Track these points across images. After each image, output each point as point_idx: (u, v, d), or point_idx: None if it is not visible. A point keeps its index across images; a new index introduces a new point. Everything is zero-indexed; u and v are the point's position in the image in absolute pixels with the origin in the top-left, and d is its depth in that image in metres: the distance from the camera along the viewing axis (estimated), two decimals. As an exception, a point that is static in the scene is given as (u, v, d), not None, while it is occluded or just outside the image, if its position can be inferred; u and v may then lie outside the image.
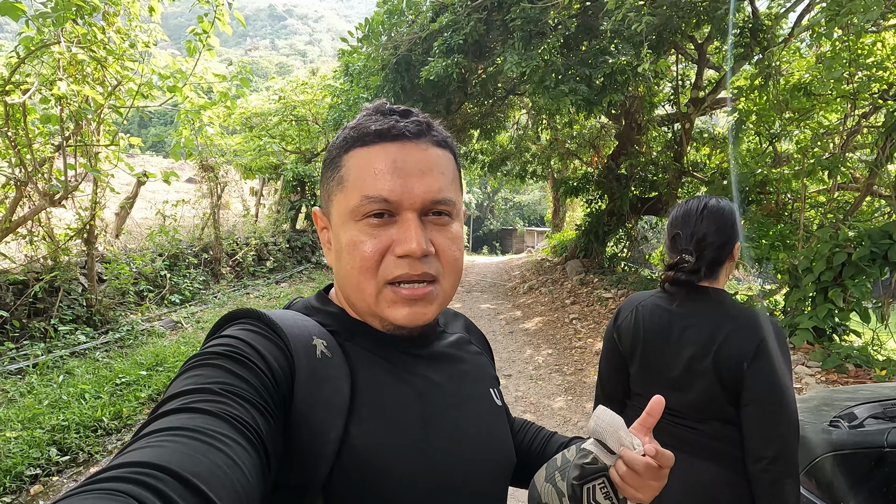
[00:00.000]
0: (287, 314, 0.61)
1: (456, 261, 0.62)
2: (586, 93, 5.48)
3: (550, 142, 12.65)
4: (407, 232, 0.57)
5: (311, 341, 0.57)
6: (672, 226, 1.32)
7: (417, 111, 0.64)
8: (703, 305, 1.26)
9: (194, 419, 0.42)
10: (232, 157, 9.83)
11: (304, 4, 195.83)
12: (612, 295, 7.92)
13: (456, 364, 0.69)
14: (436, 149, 0.61)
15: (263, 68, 70.85)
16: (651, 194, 9.53)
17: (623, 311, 1.40)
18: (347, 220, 0.60)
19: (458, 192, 0.64)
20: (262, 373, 0.51)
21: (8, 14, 4.30)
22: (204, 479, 0.37)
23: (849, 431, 1.32)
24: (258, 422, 0.46)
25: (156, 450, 0.38)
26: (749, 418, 1.16)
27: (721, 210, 1.26)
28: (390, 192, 0.57)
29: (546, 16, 5.34)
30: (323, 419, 0.52)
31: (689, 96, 7.88)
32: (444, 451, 0.59)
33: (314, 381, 0.54)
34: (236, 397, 0.46)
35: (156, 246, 7.61)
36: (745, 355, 1.16)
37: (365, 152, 0.60)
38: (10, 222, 5.05)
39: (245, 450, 0.43)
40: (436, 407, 0.62)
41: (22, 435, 3.37)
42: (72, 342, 5.13)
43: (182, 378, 0.49)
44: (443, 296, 0.62)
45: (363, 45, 6.90)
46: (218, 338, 0.55)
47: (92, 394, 4.11)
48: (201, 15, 5.36)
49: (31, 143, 4.82)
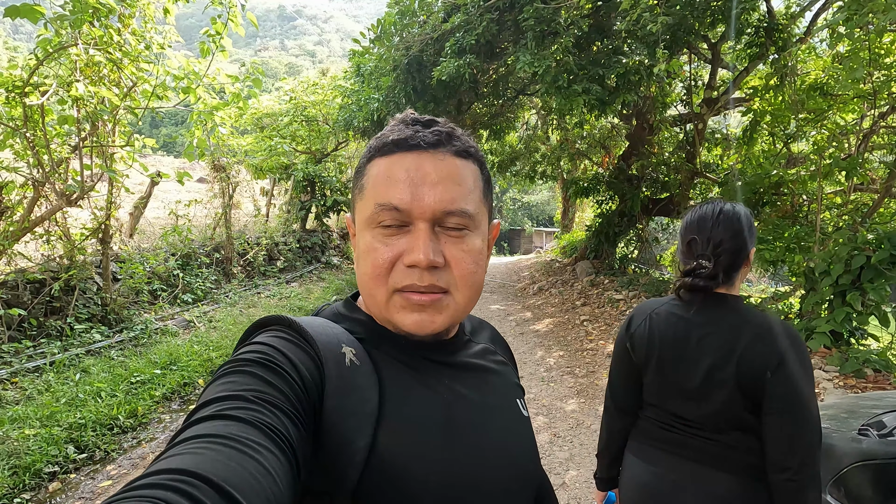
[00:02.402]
0: (317, 321, 0.61)
1: (471, 274, 0.61)
2: (599, 93, 5.45)
3: (560, 142, 12.60)
4: (415, 242, 0.58)
5: (341, 349, 0.58)
6: (687, 231, 1.29)
7: (443, 121, 0.64)
8: (722, 312, 1.23)
9: (228, 426, 0.43)
10: (243, 157, 9.90)
11: (313, 5, 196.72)
12: (623, 296, 7.87)
13: (482, 374, 0.69)
14: (455, 159, 0.61)
15: (273, 69, 71.30)
16: (663, 195, 9.46)
17: (636, 319, 1.36)
18: (365, 227, 0.61)
19: (478, 204, 0.62)
20: (292, 380, 0.51)
21: (27, 16, 4.36)
22: (237, 486, 0.38)
23: (879, 441, 1.30)
24: (289, 429, 0.47)
25: (192, 457, 0.39)
26: (773, 427, 1.13)
27: (737, 215, 1.24)
28: (401, 200, 0.58)
29: (559, 16, 5.31)
30: (352, 427, 0.53)
31: (702, 96, 7.80)
32: (470, 462, 0.59)
33: (343, 390, 0.54)
34: (268, 405, 0.47)
35: (168, 245, 7.68)
36: (768, 363, 1.13)
37: (383, 162, 0.60)
38: (28, 222, 5.12)
39: (276, 458, 0.43)
40: (462, 417, 0.61)
41: (40, 432, 3.41)
42: (87, 341, 5.18)
43: (215, 384, 0.50)
44: (454, 307, 0.61)
45: (375, 46, 6.90)
46: (250, 344, 0.56)
47: (108, 392, 4.15)
48: (214, 17, 5.40)
49: (49, 143, 4.88)
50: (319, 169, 11.83)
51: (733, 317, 1.21)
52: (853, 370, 4.03)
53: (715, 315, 1.23)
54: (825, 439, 1.46)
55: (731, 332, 1.19)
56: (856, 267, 4.25)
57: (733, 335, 1.18)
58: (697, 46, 7.49)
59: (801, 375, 1.12)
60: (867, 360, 4.08)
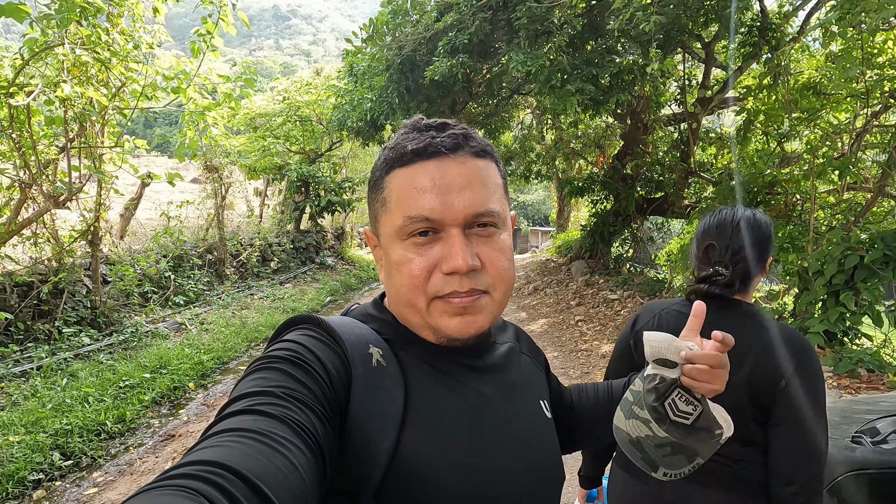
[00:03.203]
0: (345, 321, 0.62)
1: (506, 271, 0.62)
2: (593, 92, 5.41)
3: (555, 142, 12.58)
4: (452, 248, 0.58)
5: (368, 349, 0.58)
6: (705, 235, 1.24)
7: (454, 122, 0.64)
8: (738, 318, 1.18)
9: (258, 422, 0.44)
10: (236, 157, 9.82)
11: (308, 4, 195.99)
12: (618, 296, 7.86)
13: (507, 375, 0.69)
14: (475, 160, 0.61)
15: (268, 68, 71.03)
16: (657, 195, 9.44)
17: (643, 317, 1.31)
18: (395, 239, 0.60)
19: (502, 202, 0.63)
20: (321, 379, 0.52)
21: (12, 15, 4.29)
22: (266, 481, 0.39)
23: (873, 449, 1.27)
24: (317, 427, 0.48)
25: (223, 450, 0.40)
26: (782, 439, 1.09)
27: (758, 223, 1.21)
28: (431, 210, 0.57)
29: (552, 15, 5.28)
30: (377, 427, 0.53)
31: (695, 96, 7.79)
32: (494, 465, 0.59)
33: (369, 390, 0.55)
34: (297, 402, 0.48)
35: (160, 247, 7.61)
36: (783, 371, 1.09)
37: (404, 172, 0.60)
38: (15, 224, 5.04)
39: (304, 454, 0.44)
40: (487, 420, 0.62)
41: (25, 439, 3.35)
42: (76, 344, 5.12)
43: (247, 380, 0.51)
44: (493, 306, 0.62)
45: (367, 46, 6.85)
46: (280, 342, 0.57)
47: (95, 397, 4.10)
48: (205, 16, 5.34)
49: (35, 145, 4.81)
50: (313, 169, 11.77)
51: (748, 322, 1.17)
52: (847, 370, 4.01)
53: (729, 320, 1.17)
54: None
55: (747, 337, 1.13)
56: (849, 267, 4.24)
57: (750, 340, 1.14)
58: (691, 46, 7.47)
59: (815, 387, 1.09)
60: (861, 360, 4.07)
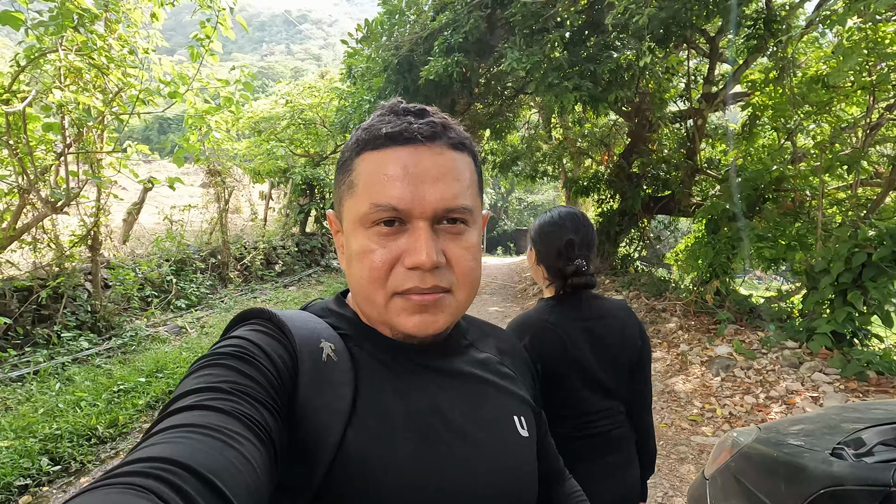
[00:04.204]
0: (299, 315, 0.60)
1: (471, 271, 0.59)
2: (591, 89, 5.31)
3: (560, 141, 12.45)
4: (417, 242, 0.55)
5: (319, 344, 0.56)
6: (563, 232, 1.28)
7: (434, 110, 0.60)
8: (605, 301, 1.33)
9: (207, 416, 0.43)
10: (241, 161, 9.87)
11: (318, 9, 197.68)
12: (624, 297, 7.71)
13: (476, 384, 0.65)
14: (452, 152, 0.58)
15: (279, 73, 71.69)
16: (664, 193, 9.27)
17: (543, 338, 1.23)
18: (357, 226, 0.57)
19: (475, 198, 0.60)
20: (269, 372, 0.51)
21: (8, 23, 4.33)
22: (219, 475, 0.37)
23: (851, 463, 1.17)
24: (267, 420, 0.46)
25: (172, 446, 0.39)
26: (641, 384, 1.32)
27: (587, 218, 1.34)
28: (400, 199, 0.54)
29: (547, 11, 5.19)
30: (323, 423, 0.52)
31: (701, 91, 7.62)
32: (447, 474, 0.55)
33: (316, 384, 0.53)
34: (246, 396, 0.47)
35: (162, 251, 7.65)
36: (640, 333, 1.32)
37: (376, 156, 0.57)
38: (14, 230, 5.09)
39: (256, 448, 0.43)
40: (443, 426, 0.58)
41: (14, 444, 3.35)
42: (74, 349, 5.14)
43: (192, 377, 0.49)
44: (455, 306, 0.59)
45: (364, 47, 6.82)
46: (228, 338, 0.55)
47: (88, 401, 4.09)
48: (204, 20, 5.35)
49: (33, 151, 4.85)
50: (318, 172, 11.79)
51: (608, 303, 1.33)
52: (855, 373, 3.86)
53: (602, 306, 1.31)
54: (794, 459, 1.34)
55: (614, 315, 1.30)
56: (857, 265, 4.09)
57: (618, 318, 1.30)
58: (695, 41, 7.31)
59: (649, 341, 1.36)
60: (870, 362, 3.92)
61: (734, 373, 4.47)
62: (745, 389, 4.18)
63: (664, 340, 5.58)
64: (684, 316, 6.03)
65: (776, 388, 4.03)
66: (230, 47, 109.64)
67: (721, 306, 5.88)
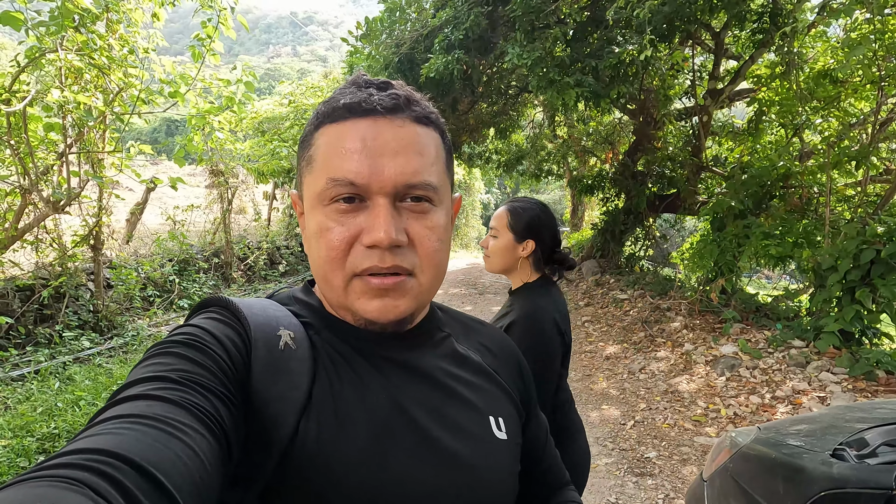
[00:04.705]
0: (258, 303, 0.57)
1: (436, 252, 0.56)
2: (593, 85, 5.24)
3: (565, 139, 12.38)
4: (375, 219, 0.52)
5: (276, 332, 0.54)
6: (552, 222, 1.44)
7: (399, 83, 0.57)
8: None
9: (153, 407, 0.40)
10: (244, 161, 9.88)
11: (324, 11, 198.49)
12: (628, 296, 7.63)
13: (446, 380, 0.61)
14: (415, 126, 0.55)
15: (285, 74, 71.98)
16: (669, 191, 9.17)
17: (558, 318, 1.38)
18: (316, 204, 0.55)
19: (441, 176, 0.57)
20: (222, 360, 0.48)
21: (9, 24, 4.34)
22: (162, 468, 0.35)
23: (851, 465, 1.11)
24: (220, 411, 0.44)
25: (112, 437, 0.36)
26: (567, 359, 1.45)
27: None
28: (357, 174, 0.52)
29: (549, 6, 5.13)
30: (276, 413, 0.49)
31: (706, 87, 7.53)
32: (404, 473, 0.52)
33: (270, 373, 0.51)
34: (197, 386, 0.44)
35: (164, 251, 7.67)
36: None
37: (334, 129, 0.54)
38: (16, 230, 5.11)
39: (206, 439, 0.41)
40: (404, 423, 0.55)
41: (11, 443, 3.35)
42: (76, 348, 5.15)
43: (141, 366, 0.47)
44: (419, 290, 0.56)
45: (365, 45, 6.79)
46: (181, 326, 0.53)
47: (88, 401, 4.09)
48: (205, 20, 5.35)
49: (34, 151, 4.86)
50: (322, 172, 11.78)
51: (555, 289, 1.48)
52: (864, 372, 3.78)
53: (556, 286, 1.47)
54: (794, 460, 1.28)
55: None
56: (865, 262, 4.00)
57: None
58: (700, 36, 7.22)
59: None
60: (879, 361, 3.83)
61: (739, 372, 4.38)
62: (751, 389, 4.10)
63: (668, 340, 5.50)
64: (689, 315, 5.94)
65: (782, 388, 3.95)
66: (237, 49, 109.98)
67: (727, 305, 5.79)
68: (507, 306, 1.41)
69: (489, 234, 1.48)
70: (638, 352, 5.44)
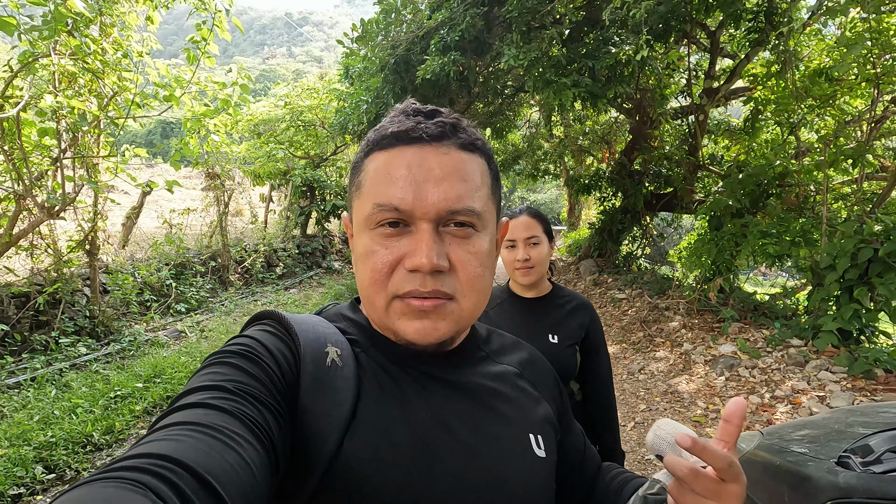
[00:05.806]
0: (309, 319, 0.60)
1: (478, 278, 0.57)
2: (590, 85, 5.24)
3: (562, 139, 12.38)
4: (418, 244, 0.53)
5: (325, 348, 0.56)
6: None
7: (447, 111, 0.59)
8: None
9: (210, 416, 0.42)
10: (241, 164, 9.84)
11: (319, 11, 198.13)
12: (626, 295, 7.63)
13: (488, 398, 0.62)
14: (460, 152, 0.56)
15: (281, 75, 71.73)
16: (666, 190, 9.19)
17: None
18: (363, 228, 0.57)
19: (486, 201, 0.58)
20: (273, 373, 0.51)
21: (1, 29, 4.30)
22: (218, 477, 0.37)
23: (858, 473, 1.10)
24: (270, 423, 0.46)
25: (174, 443, 0.38)
26: None
27: None
28: (401, 200, 0.53)
29: (545, 7, 5.12)
30: (321, 429, 0.51)
31: (702, 86, 7.53)
32: (445, 491, 0.53)
33: (317, 389, 0.52)
34: (250, 397, 0.46)
35: (161, 255, 7.63)
36: None
37: (382, 157, 0.56)
38: (11, 236, 5.07)
39: (256, 451, 0.42)
40: (446, 440, 0.55)
41: (8, 452, 3.31)
42: (72, 354, 5.11)
43: (200, 374, 0.49)
44: (459, 314, 0.57)
45: (360, 47, 6.77)
46: (237, 337, 0.55)
47: (85, 408, 4.06)
48: (199, 23, 5.32)
49: (28, 156, 4.82)
50: (318, 173, 11.75)
51: None
52: (862, 371, 3.78)
53: None
54: (799, 468, 1.27)
55: None
56: (863, 260, 4.00)
57: None
58: (695, 35, 7.23)
59: None
60: (878, 359, 3.83)
61: (738, 372, 4.39)
62: (750, 389, 4.10)
63: (667, 339, 5.50)
64: (687, 314, 5.94)
65: (781, 388, 3.96)
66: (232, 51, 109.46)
67: (725, 304, 5.80)
68: (568, 310, 1.46)
69: (527, 243, 1.40)
70: (637, 352, 5.44)
